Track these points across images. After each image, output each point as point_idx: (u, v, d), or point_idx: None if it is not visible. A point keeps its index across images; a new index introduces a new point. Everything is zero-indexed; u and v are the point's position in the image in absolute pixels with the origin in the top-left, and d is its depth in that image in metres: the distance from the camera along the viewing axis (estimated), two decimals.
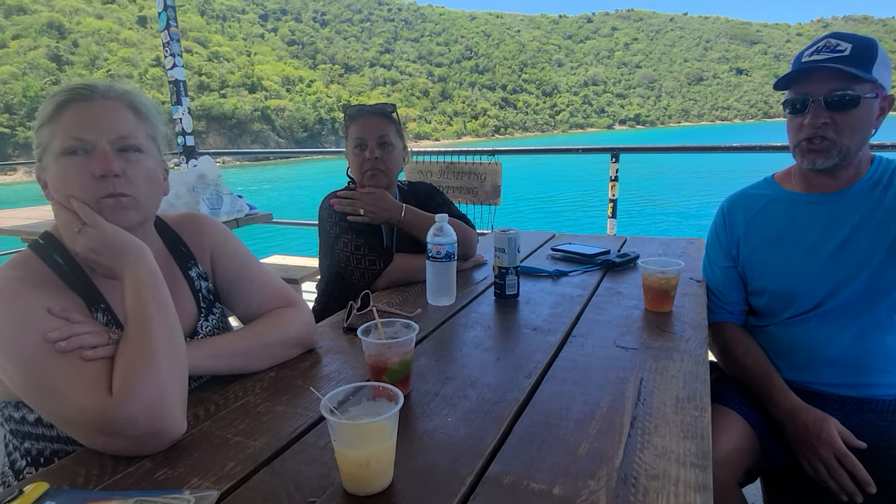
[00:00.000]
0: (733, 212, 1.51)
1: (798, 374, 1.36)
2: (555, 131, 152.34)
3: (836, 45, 1.25)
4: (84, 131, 0.94)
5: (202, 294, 1.17)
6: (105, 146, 0.95)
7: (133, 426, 0.80)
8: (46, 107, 0.96)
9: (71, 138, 0.94)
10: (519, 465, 0.79)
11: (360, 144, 1.74)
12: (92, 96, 0.97)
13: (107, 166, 0.94)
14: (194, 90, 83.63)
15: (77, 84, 0.98)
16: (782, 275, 1.39)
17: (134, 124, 1.00)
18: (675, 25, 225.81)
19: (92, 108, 0.97)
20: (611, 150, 3.60)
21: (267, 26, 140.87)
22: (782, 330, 1.40)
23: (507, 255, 1.49)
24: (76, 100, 0.96)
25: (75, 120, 0.95)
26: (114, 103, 0.99)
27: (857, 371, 1.31)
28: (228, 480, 0.76)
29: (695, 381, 1.03)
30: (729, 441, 1.21)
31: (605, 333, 1.28)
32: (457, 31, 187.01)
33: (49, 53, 74.27)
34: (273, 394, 1.02)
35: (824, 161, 1.29)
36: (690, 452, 0.80)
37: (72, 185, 0.94)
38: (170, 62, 4.49)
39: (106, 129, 0.96)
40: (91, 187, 0.94)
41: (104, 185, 0.95)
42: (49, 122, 0.95)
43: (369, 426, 0.73)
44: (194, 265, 1.18)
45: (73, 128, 0.94)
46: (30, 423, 0.96)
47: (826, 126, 1.26)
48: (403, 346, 0.97)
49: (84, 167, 0.94)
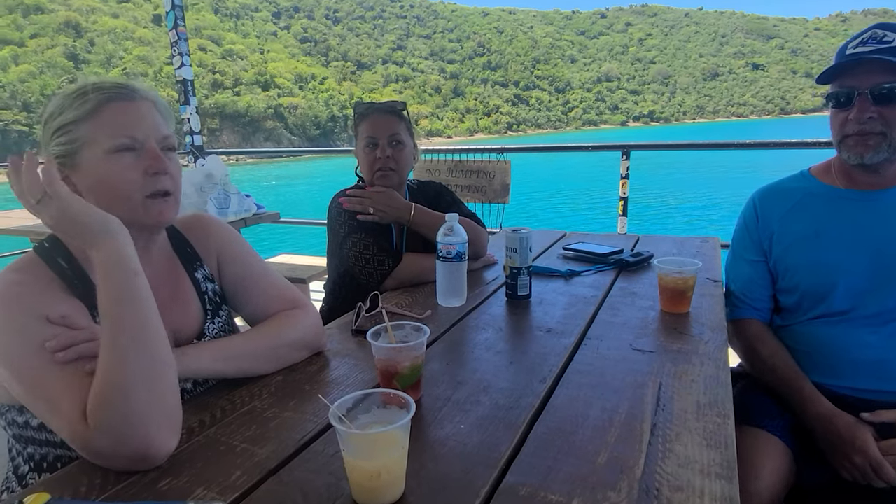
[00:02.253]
0: (767, 205, 1.45)
1: (826, 378, 1.31)
2: (567, 128, 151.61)
3: (883, 35, 1.19)
4: (135, 130, 0.96)
5: (208, 296, 1.15)
6: (154, 145, 0.97)
7: (109, 457, 0.78)
8: (82, 102, 0.94)
9: (123, 136, 0.94)
10: (535, 475, 0.75)
11: (370, 143, 1.71)
12: (134, 96, 0.98)
13: (162, 164, 0.97)
14: (208, 88, 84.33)
15: (114, 82, 0.98)
16: (818, 273, 1.33)
17: (166, 124, 1.02)
18: (691, 20, 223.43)
19: (137, 107, 0.98)
20: (621, 147, 3.56)
21: (280, 24, 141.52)
22: (810, 330, 1.35)
23: (519, 254, 1.46)
24: (118, 98, 0.96)
25: (123, 118, 0.96)
26: (150, 104, 1.00)
27: (889, 376, 1.26)
28: (234, 490, 0.74)
29: (716, 385, 1.00)
30: (770, 470, 1.15)
31: (621, 335, 1.24)
32: (469, 28, 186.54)
33: (66, 52, 75.27)
34: (280, 399, 0.99)
35: (873, 155, 1.23)
36: (715, 462, 0.77)
37: (119, 181, 0.95)
38: (178, 61, 4.50)
39: (152, 128, 0.98)
40: (140, 184, 0.96)
41: (153, 183, 0.97)
42: (89, 118, 0.94)
43: (380, 436, 0.71)
44: (200, 267, 1.17)
45: (123, 126, 0.95)
46: (33, 429, 0.95)
47: (873, 120, 1.21)
48: (414, 351, 0.95)
49: (136, 165, 0.96)
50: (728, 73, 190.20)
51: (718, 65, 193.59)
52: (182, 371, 0.93)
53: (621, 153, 3.52)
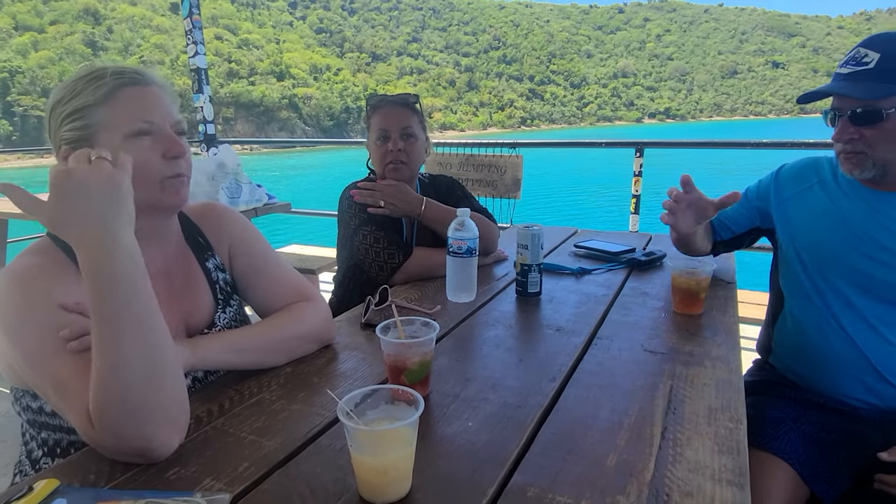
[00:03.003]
0: (786, 178, 1.46)
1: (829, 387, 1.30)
2: (582, 124, 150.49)
3: (864, 56, 1.19)
4: (152, 114, 0.97)
5: (219, 286, 1.15)
6: (170, 129, 0.99)
7: (112, 452, 0.78)
8: (97, 87, 0.94)
9: (141, 121, 0.95)
10: (543, 476, 0.75)
11: (382, 136, 1.70)
12: (147, 80, 0.99)
13: (179, 148, 0.98)
14: (224, 77, 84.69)
15: (127, 68, 0.98)
16: (816, 251, 1.34)
17: (176, 109, 1.03)
18: (710, 17, 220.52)
19: (151, 91, 0.99)
20: (635, 144, 3.52)
21: (296, 14, 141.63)
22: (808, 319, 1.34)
23: (531, 251, 1.45)
24: (133, 83, 0.97)
25: (140, 103, 0.96)
26: (161, 90, 1.01)
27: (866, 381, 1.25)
28: (241, 482, 0.74)
29: (728, 389, 0.98)
30: (779, 496, 1.13)
31: (632, 336, 1.23)
32: (485, 21, 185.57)
33: (85, 39, 75.91)
34: (289, 391, 0.99)
35: (860, 172, 1.24)
36: (727, 468, 0.76)
37: (139, 165, 0.93)
38: (192, 50, 4.50)
39: (167, 113, 0.99)
40: (158, 167, 0.97)
41: (171, 166, 0.98)
42: (105, 102, 0.94)
43: (388, 433, 0.70)
44: (212, 256, 1.16)
45: (140, 111, 0.96)
46: (47, 414, 0.95)
47: (854, 141, 1.22)
48: (423, 347, 0.94)
49: (153, 148, 0.96)
50: (747, 71, 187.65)
51: (737, 62, 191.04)
52: (193, 363, 0.94)
53: (635, 150, 3.49)
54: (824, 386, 1.30)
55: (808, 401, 1.31)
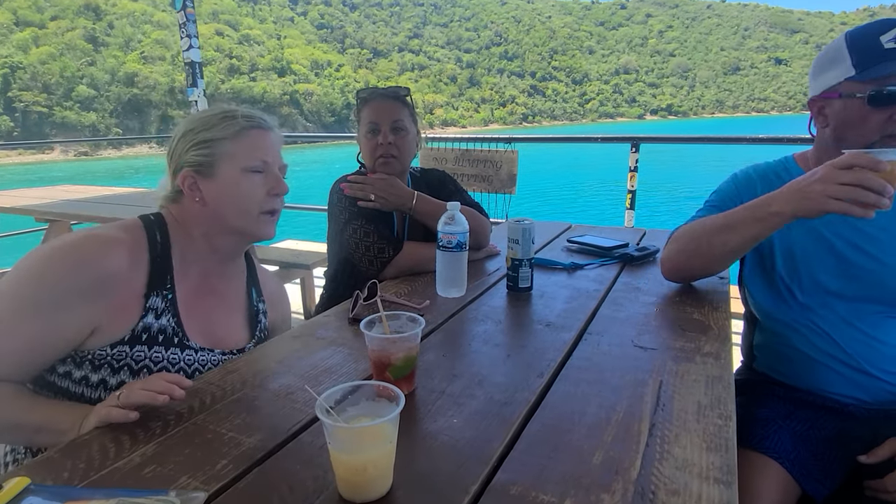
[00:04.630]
0: (750, 182, 1.39)
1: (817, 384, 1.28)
2: (584, 120, 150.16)
3: None
4: (267, 155, 1.15)
5: (261, 325, 1.28)
6: (278, 171, 1.17)
7: None
8: (229, 124, 1.11)
9: (258, 159, 1.13)
10: (527, 473, 0.73)
11: (372, 129, 1.68)
12: (269, 126, 1.18)
13: (284, 188, 1.17)
14: (225, 73, 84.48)
15: (255, 113, 1.17)
16: (789, 255, 1.31)
17: None
18: (713, 13, 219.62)
19: (270, 136, 1.17)
20: (631, 139, 3.50)
21: (297, 10, 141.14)
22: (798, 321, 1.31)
23: (521, 246, 1.43)
24: (259, 127, 1.15)
25: (261, 144, 1.14)
26: (277, 136, 1.19)
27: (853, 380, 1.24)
28: (218, 480, 0.72)
29: (718, 386, 0.97)
30: (772, 495, 1.12)
31: (623, 331, 1.21)
32: (486, 17, 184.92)
33: (85, 35, 75.63)
34: (271, 387, 0.98)
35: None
36: (714, 466, 0.74)
37: (247, 195, 1.13)
38: (185, 44, 4.47)
39: (278, 156, 1.18)
40: (261, 200, 1.14)
41: (272, 202, 1.16)
42: (233, 138, 1.11)
43: (367, 430, 0.69)
44: (261, 301, 1.31)
45: (259, 150, 1.14)
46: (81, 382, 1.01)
47: None
48: (408, 342, 0.92)
49: (262, 184, 1.14)
50: (749, 68, 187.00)
51: (740, 59, 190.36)
52: None
53: (630, 145, 3.47)
54: (811, 385, 1.28)
55: (798, 399, 1.30)
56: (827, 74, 1.24)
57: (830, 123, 1.25)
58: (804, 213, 1.11)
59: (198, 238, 1.15)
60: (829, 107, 1.25)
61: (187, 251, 1.14)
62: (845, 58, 1.20)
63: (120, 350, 1.01)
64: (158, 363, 1.04)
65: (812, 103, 1.29)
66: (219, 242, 1.17)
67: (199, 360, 1.10)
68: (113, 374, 1.01)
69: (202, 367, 1.10)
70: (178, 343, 1.07)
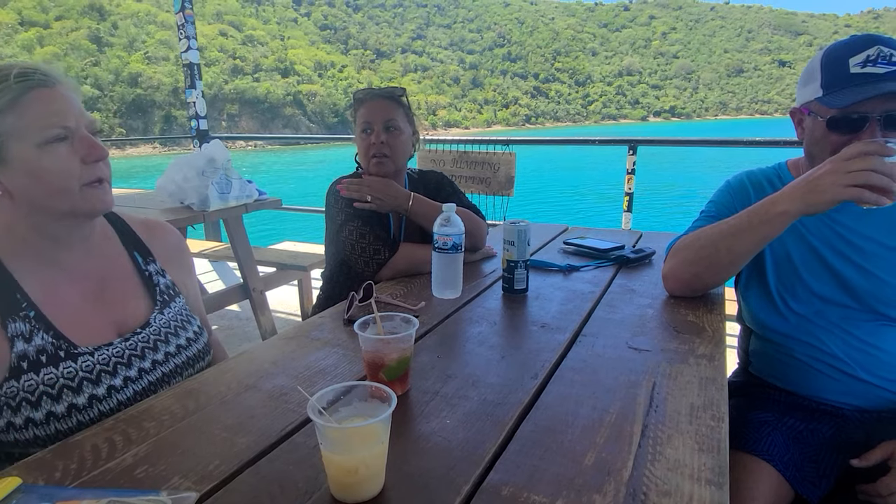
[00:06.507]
0: (743, 189, 1.39)
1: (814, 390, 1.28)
2: (587, 122, 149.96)
3: (890, 54, 1.12)
4: (66, 118, 0.91)
5: (160, 288, 1.14)
6: (85, 132, 0.94)
7: None
8: (1, 94, 0.87)
9: (54, 127, 0.90)
10: (520, 474, 0.73)
11: (366, 128, 1.68)
12: (53, 81, 0.92)
13: (99, 151, 0.94)
14: (228, 73, 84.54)
15: (29, 67, 0.91)
16: (780, 264, 1.31)
17: None
18: (716, 14, 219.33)
19: (59, 93, 0.92)
20: (628, 142, 3.50)
21: (300, 10, 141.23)
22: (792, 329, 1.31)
23: (517, 247, 1.43)
24: (41, 85, 0.90)
25: (50, 107, 0.90)
26: (69, 88, 0.94)
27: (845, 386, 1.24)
28: (210, 481, 0.72)
29: (711, 387, 0.97)
30: (765, 498, 1.12)
31: (617, 333, 1.22)
32: (490, 18, 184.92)
33: (90, 35, 75.78)
34: (265, 388, 0.98)
35: None
36: (706, 467, 0.74)
37: (57, 174, 0.91)
38: (184, 45, 4.49)
39: (80, 114, 0.94)
40: (77, 174, 0.93)
41: (91, 171, 0.94)
42: (12, 109, 0.88)
43: (357, 430, 0.69)
44: (153, 262, 1.16)
45: (52, 115, 0.90)
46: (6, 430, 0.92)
47: None
48: (402, 343, 0.93)
49: (71, 154, 0.92)
50: (753, 70, 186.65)
51: (743, 61, 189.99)
52: None
53: (628, 148, 3.47)
54: (806, 390, 1.28)
55: (793, 403, 1.30)
56: (805, 88, 1.25)
57: (805, 137, 1.28)
58: (813, 208, 1.12)
59: (27, 235, 0.96)
60: (804, 120, 1.28)
61: (23, 255, 0.96)
62: (817, 77, 1.21)
63: (12, 386, 0.89)
64: (54, 384, 0.91)
65: (792, 114, 1.31)
66: (53, 231, 0.98)
67: (99, 362, 0.97)
68: (33, 408, 0.90)
69: (107, 366, 0.97)
70: (66, 355, 0.94)
